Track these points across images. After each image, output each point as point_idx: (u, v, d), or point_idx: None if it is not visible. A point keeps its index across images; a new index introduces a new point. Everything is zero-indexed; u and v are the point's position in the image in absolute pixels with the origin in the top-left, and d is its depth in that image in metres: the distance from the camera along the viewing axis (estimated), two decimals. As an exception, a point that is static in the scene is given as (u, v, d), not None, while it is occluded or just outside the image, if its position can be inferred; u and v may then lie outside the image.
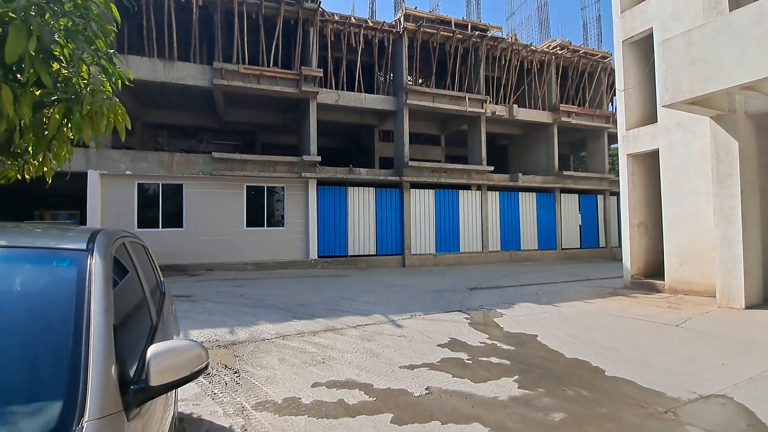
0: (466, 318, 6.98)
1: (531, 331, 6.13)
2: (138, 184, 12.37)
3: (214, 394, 3.90)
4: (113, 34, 3.18)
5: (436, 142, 20.99)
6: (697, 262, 8.71)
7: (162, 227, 12.59)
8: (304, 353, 5.05)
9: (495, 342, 5.56)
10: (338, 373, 4.35)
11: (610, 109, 20.62)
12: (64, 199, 18.79)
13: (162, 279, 3.27)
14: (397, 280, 11.68)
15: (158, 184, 12.59)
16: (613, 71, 19.63)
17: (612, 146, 21.50)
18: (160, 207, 12.60)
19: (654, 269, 10.23)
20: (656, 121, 9.50)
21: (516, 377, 4.23)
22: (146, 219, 12.45)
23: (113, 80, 3.40)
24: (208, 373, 4.44)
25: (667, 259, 9.23)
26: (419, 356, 4.92)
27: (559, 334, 5.95)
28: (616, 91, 10.33)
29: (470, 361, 4.74)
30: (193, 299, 8.25)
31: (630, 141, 9.99)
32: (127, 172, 12.14)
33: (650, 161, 10.18)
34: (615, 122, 19.10)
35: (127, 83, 3.66)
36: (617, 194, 19.87)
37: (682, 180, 8.96)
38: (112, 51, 3.28)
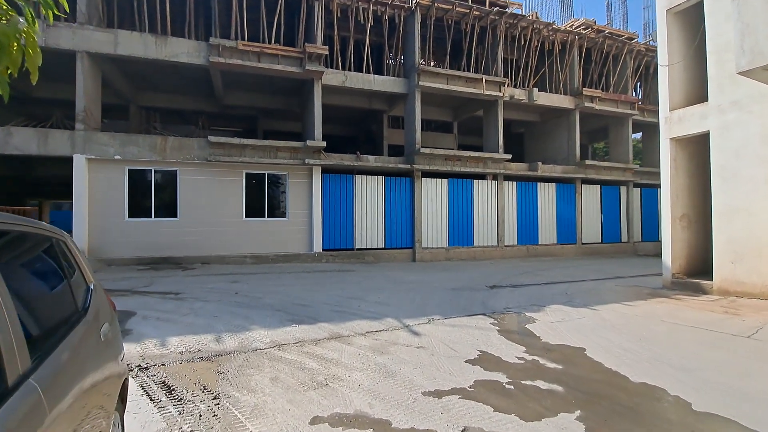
0: (493, 323, 5.97)
1: (575, 343, 5.11)
2: (128, 170, 11.45)
3: (181, 433, 2.94)
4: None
5: (449, 130, 19.84)
6: (754, 259, 7.60)
7: (155, 217, 11.68)
8: (303, 370, 4.08)
9: (536, 357, 4.55)
10: (345, 402, 3.38)
11: (636, 95, 19.31)
12: (60, 188, 17.98)
13: (92, 287, 2.28)
14: (408, 275, 10.70)
15: (150, 170, 11.65)
16: (639, 53, 18.32)
17: (635, 135, 20.21)
18: (153, 195, 11.68)
19: (697, 267, 9.14)
20: (706, 100, 8.34)
21: (578, 413, 3.22)
22: (137, 208, 11.55)
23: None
24: (180, 399, 3.50)
25: (717, 256, 8.12)
26: (446, 377, 3.93)
27: (612, 348, 4.93)
28: (658, 66, 9.15)
29: (512, 387, 3.74)
30: (181, 297, 7.32)
31: (674, 123, 8.84)
32: (116, 157, 11.22)
33: (696, 146, 9.03)
34: (641, 109, 17.89)
35: (57, 13, 2.63)
36: (641, 186, 18.69)
37: (737, 166, 7.82)
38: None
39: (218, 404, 3.38)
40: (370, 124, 19.35)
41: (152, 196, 11.66)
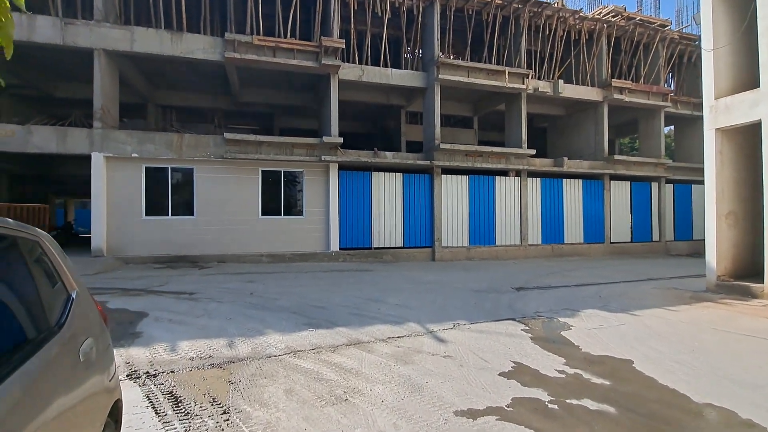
0: (525, 330, 5.50)
1: (619, 353, 4.61)
2: (145, 167, 11.37)
3: (182, 459, 2.62)
4: None
5: (468, 125, 19.26)
6: (814, 261, 6.88)
7: (171, 215, 11.59)
8: (320, 381, 3.73)
9: (578, 371, 4.08)
10: (367, 422, 3.00)
11: (668, 86, 18.31)
12: (81, 186, 18.24)
13: (73, 296, 1.95)
14: (428, 276, 10.27)
15: (167, 168, 11.56)
16: (672, 42, 17.34)
17: (666, 128, 19.18)
18: (169, 193, 11.58)
19: (745, 269, 8.41)
20: (758, 86, 7.61)
21: (639, 442, 2.76)
22: (155, 206, 11.47)
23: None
24: (188, 413, 3.19)
25: (770, 257, 7.40)
26: (479, 393, 3.50)
27: (662, 360, 4.40)
28: (702, 51, 8.43)
29: (556, 406, 3.29)
30: (195, 297, 7.10)
31: (720, 112, 8.12)
32: (133, 155, 11.15)
33: (745, 136, 8.30)
34: (673, 101, 16.94)
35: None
36: (674, 182, 17.73)
37: (793, 158, 7.09)
38: None
39: (228, 420, 3.05)
40: (387, 121, 18.94)
41: (169, 194, 11.56)
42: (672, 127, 20.25)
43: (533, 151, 14.44)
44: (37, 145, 10.56)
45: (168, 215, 11.54)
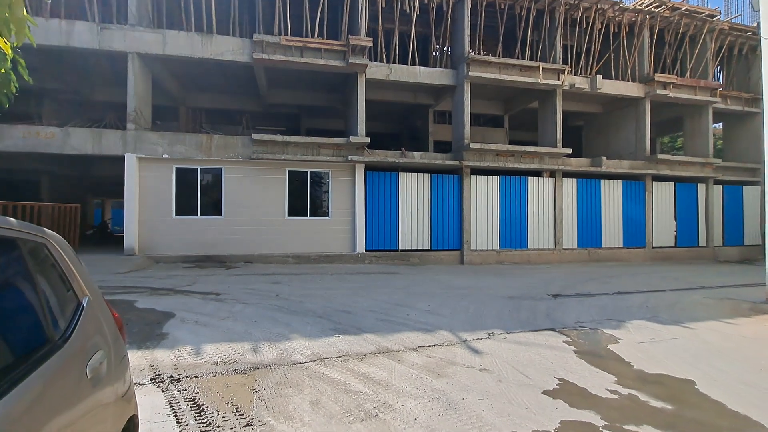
0: (567, 342, 5.07)
1: (678, 372, 4.13)
2: (176, 168, 11.54)
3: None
4: None
5: (499, 124, 18.66)
6: None
7: (200, 215, 11.71)
8: (348, 393, 3.48)
9: (632, 391, 3.65)
10: (399, 445, 2.72)
11: (716, 80, 17.12)
12: (117, 187, 18.90)
13: (84, 304, 1.77)
14: (457, 280, 9.88)
15: (196, 168, 11.70)
16: (722, 33, 16.16)
17: (715, 125, 17.92)
18: (199, 193, 11.72)
19: (815, 279, 7.56)
20: (831, 75, 6.82)
21: (721, 485, 2.35)
22: (184, 206, 11.62)
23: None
24: (210, 423, 3.01)
25: None
26: (522, 414, 3.15)
27: (729, 381, 3.90)
28: (762, 40, 7.67)
29: (613, 434, 2.90)
30: (221, 298, 7.03)
31: (785, 105, 7.35)
32: (164, 156, 11.34)
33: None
34: (722, 96, 15.80)
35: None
36: (723, 183, 16.53)
37: None
38: None
39: (250, 435, 2.84)
40: (414, 120, 18.63)
41: (198, 194, 11.70)
42: (720, 124, 18.89)
43: (569, 151, 13.75)
44: (75, 147, 10.91)
45: (197, 215, 11.68)
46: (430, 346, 4.75)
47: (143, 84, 11.71)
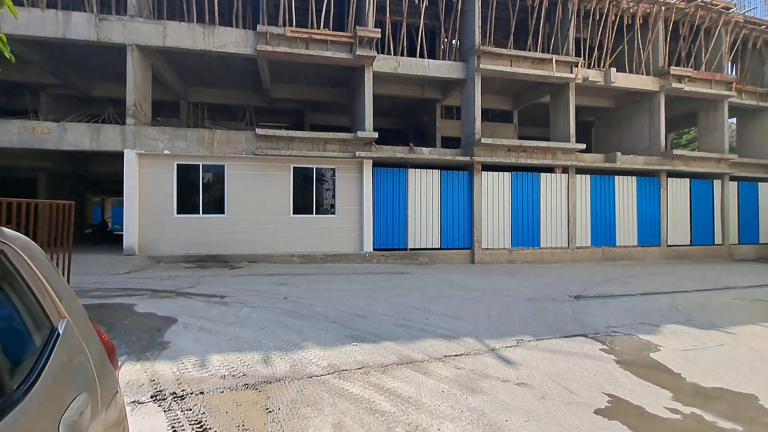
0: (604, 350, 4.65)
1: (735, 385, 3.72)
2: (177, 164, 11.13)
3: None
4: None
5: (508, 119, 18.21)
6: None
7: (203, 213, 11.30)
8: (375, 413, 3.07)
9: (694, 410, 3.23)
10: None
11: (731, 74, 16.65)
12: (117, 184, 18.49)
13: (60, 330, 1.34)
14: (471, 280, 9.46)
15: (198, 165, 11.28)
16: (737, 26, 15.69)
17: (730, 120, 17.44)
18: (201, 190, 11.30)
19: None
20: None
21: None
22: (186, 204, 11.22)
23: None
24: (218, 452, 2.60)
25: None
26: (580, 441, 2.74)
27: (801, 398, 3.48)
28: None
29: (692, 467, 2.48)
30: (226, 301, 6.62)
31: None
32: (165, 152, 10.92)
33: None
34: (737, 90, 15.35)
35: None
36: (738, 179, 16.09)
37: None
38: None
39: (266, 468, 2.43)
40: (421, 116, 18.19)
41: (200, 191, 11.29)
42: (733, 120, 18.42)
43: (583, 146, 13.30)
44: (72, 142, 10.50)
45: (199, 213, 11.27)
46: (456, 355, 4.34)
47: (143, 77, 11.28)
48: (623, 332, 5.40)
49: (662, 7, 14.53)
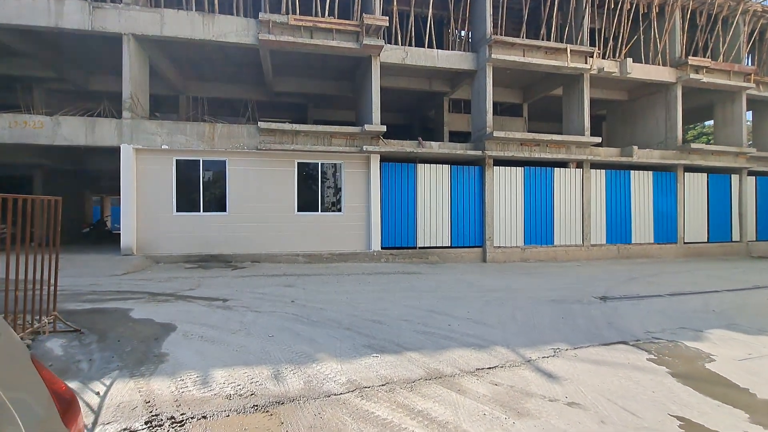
0: (653, 360, 4.16)
1: (821, 405, 3.22)
2: (176, 160, 10.64)
3: None
4: None
5: (517, 113, 17.68)
6: None
7: (203, 211, 10.82)
8: (407, 444, 2.59)
9: (785, 437, 2.75)
10: None
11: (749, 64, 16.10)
12: (116, 182, 18.00)
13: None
14: (487, 281, 8.98)
15: (199, 160, 10.79)
16: (755, 15, 15.13)
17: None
18: (201, 187, 10.82)
19: None
20: None
21: None
22: (186, 201, 10.74)
23: None
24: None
25: None
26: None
27: None
28: None
29: None
30: (229, 305, 6.14)
31: None
32: (163, 147, 10.43)
33: None
34: (756, 81, 14.82)
35: None
36: (756, 174, 15.57)
37: None
38: None
39: None
40: (427, 110, 17.67)
41: (200, 188, 10.80)
42: (750, 112, 17.86)
43: (598, 139, 12.77)
44: (66, 137, 10.01)
45: (200, 211, 10.79)
46: (490, 368, 3.85)
47: (140, 69, 10.78)
48: (666, 339, 4.91)
49: (679, -5, 13.97)
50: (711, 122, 23.43)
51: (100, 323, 5.02)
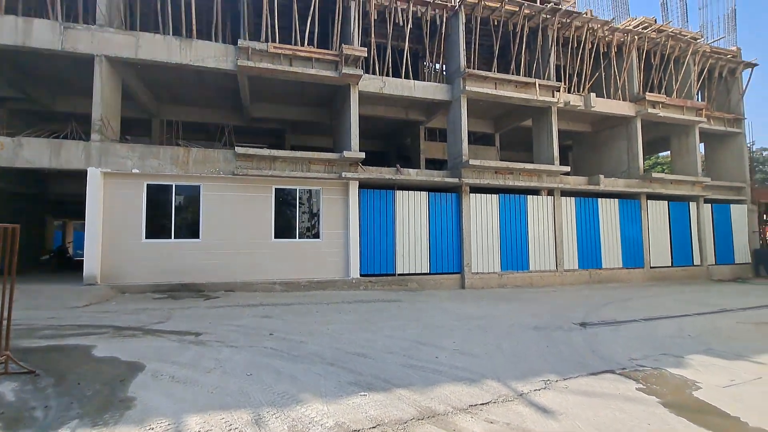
0: (642, 389, 4.17)
1: (804, 432, 3.28)
2: (147, 185, 10.23)
3: None
4: None
5: (490, 142, 18.28)
6: None
7: (175, 237, 10.36)
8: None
9: (779, 469, 2.76)
10: None
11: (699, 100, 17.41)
12: (81, 206, 17.07)
13: None
14: (468, 308, 8.93)
15: (171, 185, 10.41)
16: (704, 55, 16.55)
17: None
18: (173, 213, 10.39)
19: None
20: None
21: None
22: (156, 227, 10.26)
23: None
24: None
25: None
26: None
27: None
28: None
29: None
30: (202, 340, 5.77)
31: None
32: (134, 171, 10.02)
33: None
34: (707, 116, 16.03)
35: None
36: (711, 202, 16.60)
37: None
38: None
39: None
40: (403, 138, 17.99)
41: (172, 214, 10.37)
42: (702, 144, 19.22)
43: (567, 168, 13.34)
44: (28, 159, 9.45)
45: (171, 238, 10.31)
46: (483, 404, 3.73)
47: (111, 91, 10.46)
48: (650, 366, 4.97)
49: (635, 36, 15.14)
50: (666, 153, 25.07)
51: (59, 363, 4.57)
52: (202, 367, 4.56)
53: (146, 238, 10.14)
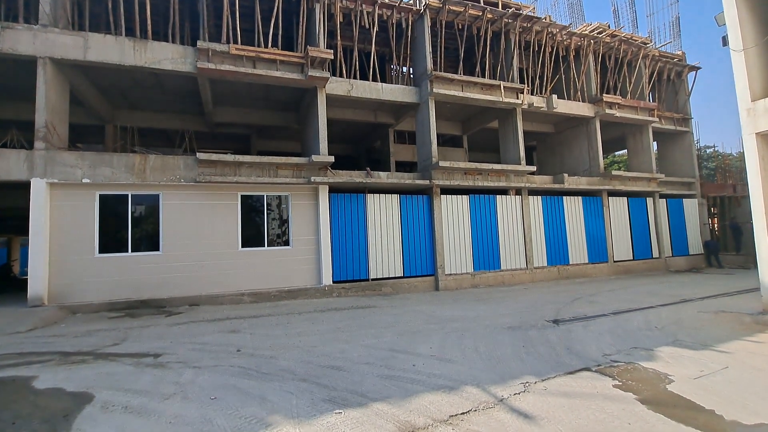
0: (618, 386, 4.18)
1: (774, 420, 3.36)
2: (100, 195, 9.53)
3: None
4: None
5: (458, 144, 18.46)
6: None
7: (132, 251, 9.69)
8: None
9: (756, 460, 2.77)
10: None
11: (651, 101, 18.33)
12: (23, 221, 15.77)
13: None
14: (443, 311, 8.85)
15: (127, 195, 9.75)
16: (654, 59, 17.46)
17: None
18: (130, 225, 9.73)
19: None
20: (799, 87, 6.99)
21: None
22: (111, 241, 9.56)
23: None
24: None
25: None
26: None
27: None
28: (731, 52, 7.85)
29: None
30: (162, 361, 5.34)
31: (759, 116, 7.45)
32: (84, 181, 9.31)
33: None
34: (658, 116, 16.89)
35: None
36: (666, 197, 17.47)
37: None
38: None
39: None
40: (373, 141, 17.86)
41: (129, 226, 9.71)
42: (655, 143, 20.26)
43: (533, 168, 13.64)
44: (-41, 171, 8.58)
45: (128, 251, 9.64)
46: (463, 413, 3.60)
47: (58, 95, 9.70)
48: (623, 361, 5.03)
49: (591, 41, 15.75)
50: (623, 151, 26.29)
51: (-8, 399, 4.06)
52: (160, 393, 4.17)
53: (100, 252, 9.43)
